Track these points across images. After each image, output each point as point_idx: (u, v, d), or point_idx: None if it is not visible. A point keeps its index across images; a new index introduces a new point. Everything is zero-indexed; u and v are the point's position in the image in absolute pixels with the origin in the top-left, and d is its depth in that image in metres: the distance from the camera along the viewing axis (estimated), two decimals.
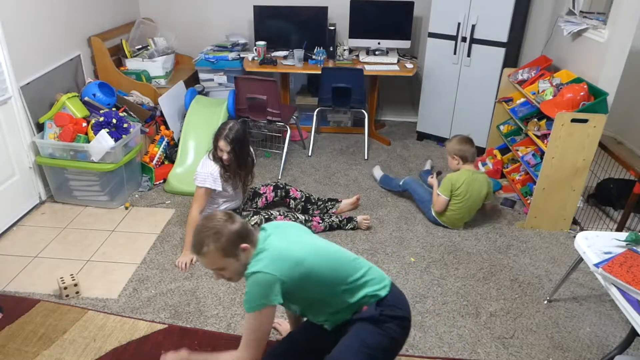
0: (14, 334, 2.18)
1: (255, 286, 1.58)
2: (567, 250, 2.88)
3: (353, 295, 1.70)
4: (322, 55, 4.16)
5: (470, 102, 3.99)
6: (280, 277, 1.57)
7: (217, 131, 2.76)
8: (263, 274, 1.57)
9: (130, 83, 3.87)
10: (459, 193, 2.93)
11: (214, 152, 2.76)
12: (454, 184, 2.94)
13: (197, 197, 2.74)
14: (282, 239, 1.67)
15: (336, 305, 1.70)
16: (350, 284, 1.69)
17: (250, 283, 1.59)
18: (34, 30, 3.16)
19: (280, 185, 3.18)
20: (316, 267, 1.64)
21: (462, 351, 2.16)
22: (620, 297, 1.69)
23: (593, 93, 2.84)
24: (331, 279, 1.66)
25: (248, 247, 1.64)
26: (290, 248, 1.64)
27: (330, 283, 1.67)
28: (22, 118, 3.06)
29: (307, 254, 1.64)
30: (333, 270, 1.67)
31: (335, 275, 1.67)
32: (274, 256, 1.61)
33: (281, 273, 1.58)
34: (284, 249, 1.63)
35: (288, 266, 1.60)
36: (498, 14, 3.61)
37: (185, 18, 4.60)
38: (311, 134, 4.18)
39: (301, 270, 1.61)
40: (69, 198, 3.26)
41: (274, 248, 1.63)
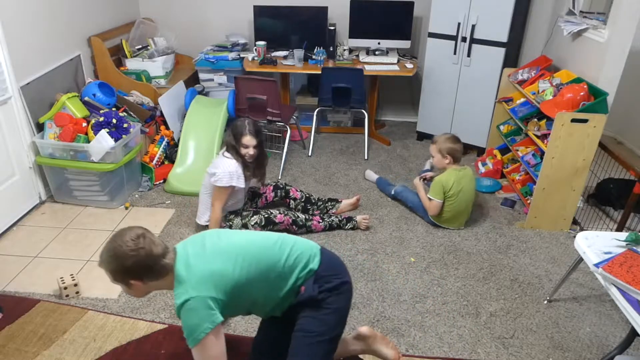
0: (14, 334, 2.18)
1: (190, 316, 1.54)
2: (567, 250, 2.88)
3: (288, 280, 1.69)
4: (322, 55, 4.16)
5: (470, 102, 3.99)
6: (211, 295, 1.55)
7: (233, 130, 2.74)
8: (193, 300, 1.53)
9: (130, 83, 3.87)
10: (452, 194, 2.92)
11: (234, 151, 2.74)
12: (445, 186, 2.93)
13: (220, 196, 2.73)
14: (201, 257, 1.63)
15: (276, 296, 1.69)
16: (281, 270, 1.68)
17: (184, 316, 1.55)
18: (34, 30, 3.16)
19: (280, 185, 3.18)
20: (243, 270, 1.62)
21: (462, 351, 2.16)
22: (620, 297, 1.69)
23: (593, 93, 2.84)
24: (261, 274, 1.65)
25: (138, 285, 1.60)
26: (210, 264, 1.61)
27: (262, 278, 1.65)
28: (22, 118, 3.06)
29: (228, 262, 1.62)
30: (259, 263, 1.65)
31: (263, 269, 1.65)
32: (197, 280, 1.57)
33: (209, 292, 1.55)
34: (204, 269, 1.59)
35: (215, 283, 1.57)
36: (498, 14, 3.61)
37: (185, 18, 4.60)
38: (311, 134, 4.18)
39: (229, 281, 1.59)
40: (69, 198, 3.26)
41: (194, 273, 1.59)
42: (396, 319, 2.33)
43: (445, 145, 2.98)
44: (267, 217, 2.90)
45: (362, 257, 2.79)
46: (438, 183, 2.95)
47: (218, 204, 2.75)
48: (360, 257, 2.79)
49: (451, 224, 3.05)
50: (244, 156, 2.74)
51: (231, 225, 2.86)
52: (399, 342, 2.19)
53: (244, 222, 2.88)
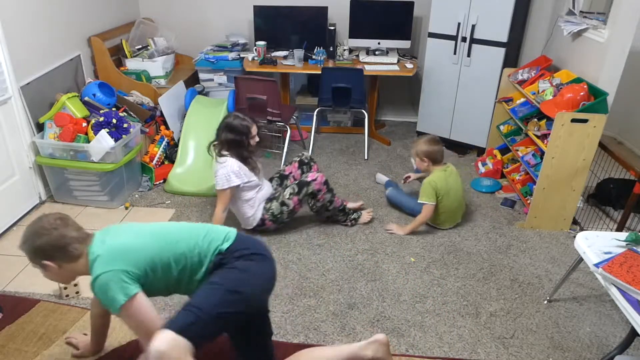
0: (14, 334, 2.18)
1: (104, 288, 1.57)
2: (567, 250, 2.88)
3: (202, 263, 1.72)
4: (322, 55, 4.16)
5: (470, 102, 3.99)
6: (123, 269, 1.59)
7: (236, 129, 2.73)
8: (103, 274, 1.58)
9: (130, 83, 3.88)
10: (443, 193, 2.91)
11: (236, 148, 2.75)
12: (436, 187, 2.89)
13: (222, 197, 2.74)
14: (116, 237, 1.69)
15: (192, 276, 1.73)
16: (196, 253, 1.72)
17: (98, 292, 1.59)
18: (34, 30, 3.16)
19: (305, 160, 3.14)
20: (155, 248, 1.67)
21: (462, 351, 2.16)
22: (620, 297, 1.69)
23: (593, 93, 2.84)
24: (175, 256, 1.69)
25: (52, 266, 1.65)
26: (124, 242, 1.67)
27: (176, 259, 1.69)
28: (22, 118, 3.06)
29: (142, 240, 1.68)
30: (173, 245, 1.70)
31: (178, 251, 1.70)
32: (109, 256, 1.62)
33: (121, 266, 1.59)
34: (117, 245, 1.65)
35: (126, 257, 1.62)
36: (498, 14, 3.61)
37: (185, 18, 4.60)
38: (311, 134, 4.18)
39: (142, 256, 1.64)
40: (69, 198, 3.26)
41: (107, 249, 1.64)
42: (396, 319, 2.33)
43: (421, 149, 2.98)
44: (298, 183, 2.88)
45: (362, 257, 2.79)
46: (428, 186, 2.91)
47: (219, 206, 2.75)
48: (360, 257, 2.79)
49: (449, 223, 3.05)
50: (250, 146, 2.78)
51: (273, 212, 2.86)
52: (399, 342, 2.19)
53: (280, 201, 2.87)
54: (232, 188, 2.72)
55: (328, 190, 2.92)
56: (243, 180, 2.73)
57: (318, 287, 2.54)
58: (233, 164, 2.72)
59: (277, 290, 2.51)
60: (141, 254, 1.64)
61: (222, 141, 2.77)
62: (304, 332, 2.24)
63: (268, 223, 2.90)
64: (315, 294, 2.49)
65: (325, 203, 2.93)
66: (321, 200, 2.91)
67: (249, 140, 2.77)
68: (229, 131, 2.75)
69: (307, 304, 2.42)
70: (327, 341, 2.19)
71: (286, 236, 2.96)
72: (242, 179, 2.73)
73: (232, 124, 2.76)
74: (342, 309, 2.39)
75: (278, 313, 2.35)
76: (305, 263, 2.73)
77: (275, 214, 2.87)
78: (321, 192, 2.88)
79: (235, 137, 2.74)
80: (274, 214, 2.87)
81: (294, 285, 2.55)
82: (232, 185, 2.70)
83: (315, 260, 2.76)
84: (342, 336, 2.22)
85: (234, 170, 2.71)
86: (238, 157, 2.75)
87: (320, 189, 2.87)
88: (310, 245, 2.88)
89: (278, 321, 2.30)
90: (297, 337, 2.21)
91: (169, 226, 1.80)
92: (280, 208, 2.86)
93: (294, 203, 2.86)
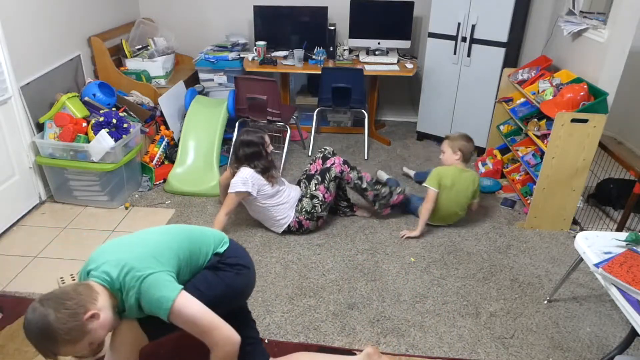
0: (14, 334, 2.18)
1: (155, 287, 1.50)
2: (567, 250, 2.88)
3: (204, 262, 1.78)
4: (322, 55, 4.16)
5: (470, 102, 3.99)
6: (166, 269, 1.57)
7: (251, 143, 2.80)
8: (152, 274, 1.51)
9: (130, 83, 3.88)
10: (445, 185, 2.93)
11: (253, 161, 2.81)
12: (442, 177, 2.94)
13: (228, 201, 2.77)
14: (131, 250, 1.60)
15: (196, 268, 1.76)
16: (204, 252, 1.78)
17: (146, 291, 1.49)
18: (34, 30, 3.16)
19: (328, 155, 3.12)
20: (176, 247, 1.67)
21: (462, 351, 2.16)
22: (620, 297, 1.69)
23: (593, 93, 2.84)
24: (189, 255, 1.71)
25: (96, 313, 1.45)
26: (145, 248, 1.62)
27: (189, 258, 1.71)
28: (22, 118, 3.06)
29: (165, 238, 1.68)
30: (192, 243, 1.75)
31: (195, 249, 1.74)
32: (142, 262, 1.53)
33: (161, 267, 1.56)
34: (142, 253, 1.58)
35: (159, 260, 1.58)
36: (498, 14, 3.61)
37: (185, 18, 4.60)
38: (311, 134, 4.18)
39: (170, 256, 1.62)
40: (69, 198, 3.26)
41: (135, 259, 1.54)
42: (396, 319, 2.33)
43: (458, 142, 3.02)
44: (320, 172, 2.92)
45: (362, 257, 2.79)
46: (436, 172, 2.97)
47: (224, 208, 2.77)
48: (360, 257, 2.79)
49: (438, 221, 3.05)
50: (268, 155, 2.85)
51: (306, 210, 2.89)
52: (399, 342, 2.19)
53: (309, 196, 2.90)
54: (237, 194, 2.74)
55: (351, 169, 2.95)
56: (249, 189, 2.74)
57: (318, 287, 2.54)
58: (245, 172, 2.76)
59: (277, 290, 2.51)
60: (168, 254, 1.63)
61: (241, 157, 2.82)
62: (304, 332, 2.24)
63: (306, 223, 2.92)
64: (315, 294, 2.49)
65: (356, 182, 2.96)
66: (349, 180, 2.95)
67: (266, 150, 2.84)
68: (245, 146, 2.81)
69: (307, 304, 2.42)
70: (327, 341, 2.19)
71: (286, 236, 2.96)
72: (248, 187, 2.73)
73: (247, 139, 2.83)
74: (342, 309, 2.39)
75: (278, 313, 2.35)
76: (305, 263, 2.73)
77: (308, 210, 2.89)
78: (345, 173, 2.92)
79: (253, 150, 2.80)
80: (307, 211, 2.89)
81: (294, 285, 2.55)
82: (237, 191, 2.72)
83: (315, 260, 2.76)
84: (342, 336, 2.22)
85: (242, 177, 2.74)
86: (261, 169, 2.80)
87: (342, 169, 2.90)
88: (310, 245, 2.88)
89: (278, 321, 2.30)
90: (297, 337, 2.21)
91: (176, 227, 1.82)
92: (310, 202, 2.89)
93: (322, 192, 2.88)
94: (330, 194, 2.92)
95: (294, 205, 2.92)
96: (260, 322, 2.29)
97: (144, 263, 1.55)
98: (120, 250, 1.61)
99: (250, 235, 2.98)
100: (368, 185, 2.99)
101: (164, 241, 1.67)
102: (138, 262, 1.54)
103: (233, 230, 3.01)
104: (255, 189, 2.76)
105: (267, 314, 2.34)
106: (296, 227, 2.92)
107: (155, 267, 1.55)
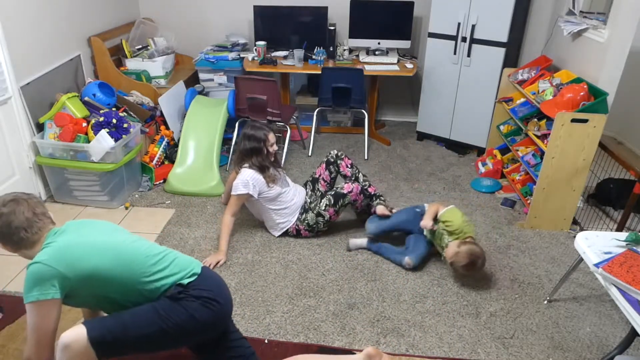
0: (14, 334, 2.18)
1: (29, 276, 1.56)
2: (567, 250, 2.88)
3: (152, 290, 1.68)
4: (322, 55, 4.16)
5: (470, 102, 3.99)
6: (61, 271, 1.55)
7: (253, 138, 2.78)
8: (40, 264, 1.55)
9: (130, 83, 3.88)
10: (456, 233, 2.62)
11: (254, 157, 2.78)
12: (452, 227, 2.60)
13: (231, 203, 2.77)
14: (74, 237, 1.65)
15: (133, 299, 1.68)
16: (147, 280, 1.67)
17: (27, 273, 1.57)
18: (34, 30, 3.16)
19: (332, 159, 3.09)
20: (105, 265, 1.61)
21: (462, 351, 2.16)
22: (620, 297, 1.69)
23: (593, 93, 2.84)
24: (123, 278, 1.64)
25: (8, 249, 1.67)
26: (77, 244, 1.62)
27: (123, 281, 1.64)
28: (22, 118, 3.07)
29: (95, 253, 1.62)
30: (125, 267, 1.65)
31: (127, 274, 1.65)
32: (56, 250, 1.59)
33: (62, 267, 1.56)
34: (70, 245, 1.61)
35: (70, 262, 1.57)
36: (498, 14, 3.61)
37: (185, 18, 4.60)
38: (311, 134, 4.18)
39: (86, 268, 1.59)
40: (69, 198, 3.26)
41: (59, 243, 1.61)
42: (396, 319, 2.33)
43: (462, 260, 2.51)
44: (334, 194, 2.86)
45: (362, 257, 2.79)
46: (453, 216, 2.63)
47: (229, 210, 2.77)
48: (360, 257, 2.79)
49: None
50: (269, 154, 2.82)
51: (309, 223, 2.87)
52: (399, 342, 2.19)
53: (315, 212, 2.87)
54: (239, 197, 2.74)
55: (365, 197, 2.93)
56: (250, 191, 2.72)
57: (318, 287, 2.54)
58: (245, 173, 2.74)
59: (277, 290, 2.51)
60: (86, 265, 1.59)
61: (241, 151, 2.81)
62: (304, 332, 2.24)
63: (304, 233, 2.92)
64: (315, 294, 2.49)
65: (364, 207, 3.00)
66: (359, 207, 2.98)
67: (267, 148, 2.80)
68: (247, 140, 2.80)
69: (307, 304, 2.42)
70: (327, 341, 2.19)
71: (286, 236, 2.96)
72: (249, 189, 2.72)
73: (249, 133, 2.81)
74: (342, 309, 2.39)
75: (278, 313, 2.35)
76: (305, 263, 2.73)
77: (310, 224, 2.88)
78: (358, 202, 2.91)
79: (253, 146, 2.78)
80: (309, 225, 2.88)
81: (294, 285, 2.55)
82: (238, 193, 2.72)
83: (315, 260, 2.76)
84: (342, 336, 2.22)
85: (243, 179, 2.73)
86: (257, 167, 2.77)
87: (356, 199, 2.89)
88: (310, 245, 2.88)
89: (278, 321, 2.30)
90: (297, 337, 2.21)
91: (129, 246, 1.72)
92: (315, 219, 2.87)
93: (330, 214, 2.86)
94: (337, 216, 2.91)
95: (296, 210, 2.91)
96: (260, 322, 2.29)
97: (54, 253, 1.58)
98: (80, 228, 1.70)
99: (250, 235, 2.98)
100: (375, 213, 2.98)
101: (91, 245, 1.64)
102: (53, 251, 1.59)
103: (233, 230, 3.00)
104: (256, 190, 2.75)
105: (267, 314, 2.34)
106: (294, 233, 2.92)
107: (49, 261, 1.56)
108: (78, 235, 1.67)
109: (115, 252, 1.67)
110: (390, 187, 3.57)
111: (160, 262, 1.72)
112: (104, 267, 1.62)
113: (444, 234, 2.62)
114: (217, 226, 3.05)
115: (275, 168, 2.86)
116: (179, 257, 1.80)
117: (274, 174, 2.83)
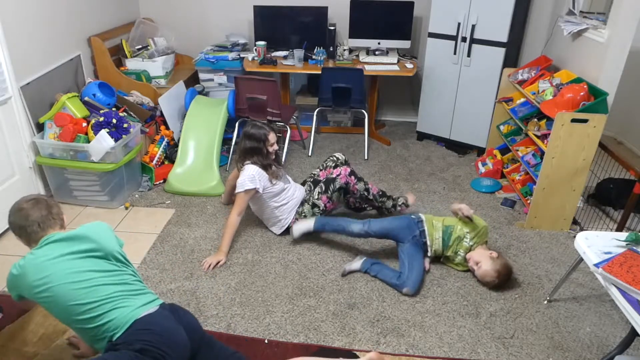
0: (14, 334, 2.18)
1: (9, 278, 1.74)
2: (567, 250, 2.88)
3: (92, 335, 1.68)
4: (322, 55, 4.16)
5: (470, 102, 3.99)
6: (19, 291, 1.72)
7: (253, 137, 2.79)
8: (10, 275, 1.72)
9: (130, 83, 3.88)
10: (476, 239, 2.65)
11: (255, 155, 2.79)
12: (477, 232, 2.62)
13: (237, 201, 2.77)
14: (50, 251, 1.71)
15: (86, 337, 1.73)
16: (80, 327, 1.69)
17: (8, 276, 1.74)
18: (34, 30, 3.16)
19: (340, 164, 3.09)
20: (45, 302, 1.68)
21: (462, 351, 2.16)
22: (620, 297, 1.69)
23: (593, 93, 2.84)
24: (61, 319, 1.71)
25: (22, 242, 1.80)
26: (37, 271, 1.67)
27: (63, 321, 1.71)
28: (22, 118, 3.06)
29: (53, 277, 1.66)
30: (62, 310, 1.67)
31: (63, 317, 1.69)
32: (28, 262, 1.69)
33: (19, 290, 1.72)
34: (26, 273, 1.68)
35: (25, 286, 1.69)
36: (498, 14, 3.61)
37: (185, 18, 4.60)
38: (311, 134, 4.18)
39: (33, 297, 1.69)
40: (69, 198, 3.26)
41: (35, 256, 1.70)
42: (396, 319, 2.33)
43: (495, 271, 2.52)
44: (324, 180, 2.88)
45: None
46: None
47: (236, 209, 2.76)
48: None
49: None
50: (269, 154, 2.82)
51: (306, 215, 2.87)
52: (399, 342, 2.19)
53: (311, 203, 2.88)
54: (247, 193, 2.74)
55: (358, 180, 2.90)
56: (257, 186, 2.73)
57: (318, 287, 2.54)
58: (250, 169, 2.75)
59: (277, 290, 2.51)
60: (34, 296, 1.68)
61: (242, 150, 2.82)
62: (304, 332, 2.24)
63: None
64: (315, 294, 2.49)
65: (362, 193, 2.92)
66: (355, 192, 2.90)
67: (267, 148, 2.81)
68: (247, 139, 2.81)
69: (307, 304, 2.42)
70: (327, 341, 2.19)
71: (286, 236, 2.96)
72: (256, 184, 2.73)
73: (249, 132, 2.82)
74: (342, 309, 2.39)
75: (278, 313, 2.35)
76: (305, 263, 2.73)
77: (307, 216, 2.88)
78: (350, 184, 2.87)
79: (253, 145, 2.79)
80: (306, 217, 2.88)
81: (294, 285, 2.55)
82: (246, 189, 2.72)
83: (315, 260, 2.76)
84: (342, 336, 2.22)
85: (249, 174, 2.73)
86: (260, 165, 2.79)
87: (347, 181, 2.86)
88: (310, 245, 2.88)
89: (278, 321, 2.30)
90: (297, 337, 2.21)
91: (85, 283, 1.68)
92: (311, 210, 2.88)
93: (324, 202, 2.87)
94: (332, 203, 2.91)
95: (296, 206, 2.92)
96: (260, 322, 2.29)
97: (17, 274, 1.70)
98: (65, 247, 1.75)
99: (250, 235, 2.98)
100: (374, 197, 2.97)
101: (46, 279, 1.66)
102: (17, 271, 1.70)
103: None
104: (261, 185, 2.76)
105: (267, 314, 2.34)
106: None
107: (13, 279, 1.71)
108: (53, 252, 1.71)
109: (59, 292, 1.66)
110: (391, 187, 3.57)
111: (100, 312, 1.66)
112: (45, 303, 1.69)
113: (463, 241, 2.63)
114: (217, 226, 3.05)
115: (276, 166, 2.88)
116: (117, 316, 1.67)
117: (276, 171, 2.85)
